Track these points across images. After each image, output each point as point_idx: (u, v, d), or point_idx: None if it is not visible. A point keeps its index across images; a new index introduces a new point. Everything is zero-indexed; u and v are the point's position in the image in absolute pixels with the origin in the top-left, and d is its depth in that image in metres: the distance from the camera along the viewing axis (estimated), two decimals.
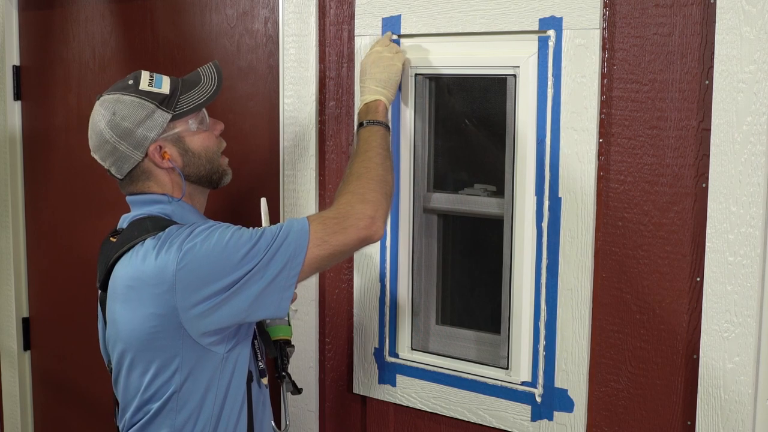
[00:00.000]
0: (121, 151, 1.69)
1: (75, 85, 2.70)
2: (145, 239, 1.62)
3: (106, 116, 1.69)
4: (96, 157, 1.74)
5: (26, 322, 2.97)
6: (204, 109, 1.75)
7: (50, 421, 2.98)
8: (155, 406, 1.64)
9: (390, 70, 1.82)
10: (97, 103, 1.73)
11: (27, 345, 2.98)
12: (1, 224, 2.91)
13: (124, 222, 1.74)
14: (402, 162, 1.94)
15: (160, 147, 1.69)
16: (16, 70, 2.84)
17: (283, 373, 1.79)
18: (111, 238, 1.72)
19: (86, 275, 2.75)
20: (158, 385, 1.63)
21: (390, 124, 1.81)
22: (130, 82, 1.71)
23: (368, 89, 1.82)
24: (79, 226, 2.77)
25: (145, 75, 1.72)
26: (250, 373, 1.70)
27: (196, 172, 1.74)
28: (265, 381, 1.76)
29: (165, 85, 1.71)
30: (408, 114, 1.92)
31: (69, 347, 2.85)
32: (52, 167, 2.82)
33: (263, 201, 1.88)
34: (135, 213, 1.73)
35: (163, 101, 1.69)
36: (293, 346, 1.82)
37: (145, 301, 1.59)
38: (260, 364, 1.75)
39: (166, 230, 1.62)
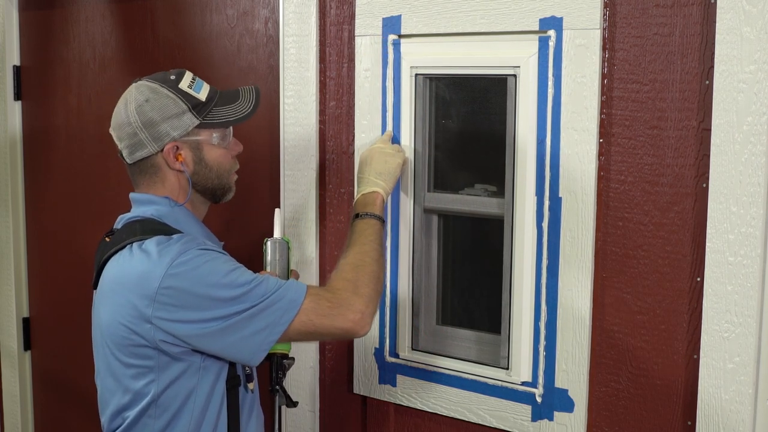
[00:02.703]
0: (139, 138, 1.67)
1: (75, 85, 2.70)
2: (132, 242, 1.62)
3: (139, 100, 1.68)
4: (113, 134, 1.72)
5: (26, 322, 2.97)
6: (231, 128, 1.75)
7: (50, 420, 2.98)
8: (133, 413, 1.63)
9: (390, 163, 1.84)
10: (134, 85, 1.72)
11: (27, 345, 2.98)
12: (1, 224, 2.91)
13: (120, 222, 1.74)
14: None
15: (177, 147, 1.68)
16: (17, 70, 2.84)
17: (276, 387, 1.79)
18: (106, 238, 1.72)
19: (86, 275, 2.74)
20: (135, 392, 1.62)
21: (385, 218, 1.81)
22: (172, 77, 1.70)
23: (367, 180, 1.82)
24: (79, 226, 2.77)
25: (188, 75, 1.72)
26: (237, 377, 1.69)
27: (203, 183, 1.73)
28: (251, 386, 1.75)
29: (203, 92, 1.71)
30: (408, 114, 1.92)
31: (69, 347, 2.85)
32: (52, 167, 2.82)
33: (277, 211, 1.87)
34: (131, 214, 1.73)
35: (196, 106, 1.68)
36: (292, 358, 1.81)
37: (125, 307, 1.59)
38: (247, 369, 1.74)
39: (155, 239, 1.61)
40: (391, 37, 1.92)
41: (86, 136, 2.72)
